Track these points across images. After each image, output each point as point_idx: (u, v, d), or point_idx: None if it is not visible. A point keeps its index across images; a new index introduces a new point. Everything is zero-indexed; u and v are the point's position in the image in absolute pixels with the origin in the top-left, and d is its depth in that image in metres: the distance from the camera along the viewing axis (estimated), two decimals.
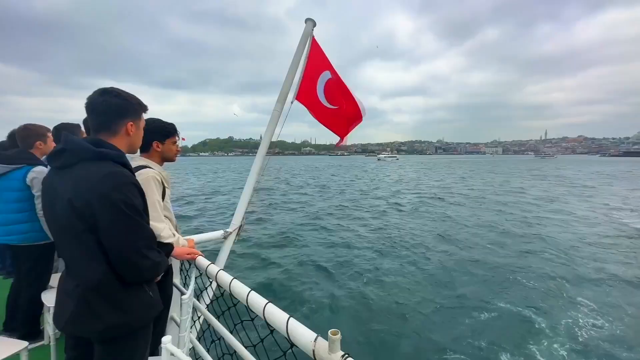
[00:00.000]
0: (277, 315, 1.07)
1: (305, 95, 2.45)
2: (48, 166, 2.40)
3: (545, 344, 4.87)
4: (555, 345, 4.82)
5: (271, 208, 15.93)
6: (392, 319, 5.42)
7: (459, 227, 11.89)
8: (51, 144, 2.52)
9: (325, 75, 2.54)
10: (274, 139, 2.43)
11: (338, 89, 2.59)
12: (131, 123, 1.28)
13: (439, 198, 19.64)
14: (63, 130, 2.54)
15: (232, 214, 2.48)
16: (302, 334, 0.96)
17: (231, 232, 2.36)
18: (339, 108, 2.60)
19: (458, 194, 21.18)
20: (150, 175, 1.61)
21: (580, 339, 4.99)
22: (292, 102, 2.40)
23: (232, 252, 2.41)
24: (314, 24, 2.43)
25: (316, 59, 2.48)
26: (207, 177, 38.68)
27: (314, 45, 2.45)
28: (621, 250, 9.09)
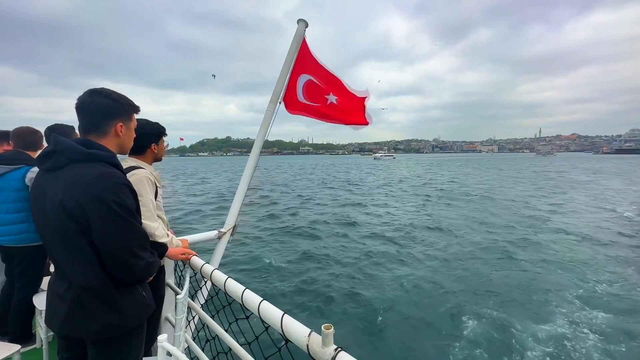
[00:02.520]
0: (271, 312, 1.09)
1: (287, 96, 2.45)
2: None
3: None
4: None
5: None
6: (386, 315, 5.46)
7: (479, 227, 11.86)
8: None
9: (304, 77, 2.53)
10: (266, 139, 2.43)
11: (320, 88, 2.60)
12: (121, 124, 1.27)
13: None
14: (56, 131, 2.51)
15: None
16: (296, 329, 0.97)
17: (225, 232, 2.35)
18: (320, 105, 2.61)
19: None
20: (144, 175, 1.64)
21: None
22: (279, 103, 2.41)
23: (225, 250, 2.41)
24: (306, 25, 2.40)
25: (301, 61, 2.46)
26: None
27: (303, 47, 2.43)
28: None
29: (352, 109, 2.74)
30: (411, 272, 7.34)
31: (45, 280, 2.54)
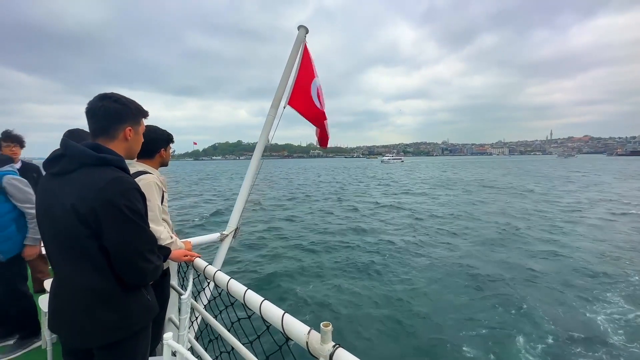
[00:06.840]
0: (272, 311, 1.12)
1: (299, 100, 2.48)
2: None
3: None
4: None
5: None
6: (384, 314, 5.44)
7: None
8: None
9: (317, 81, 2.60)
10: (275, 142, 2.46)
11: (321, 95, 2.70)
12: (130, 128, 1.28)
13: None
14: (73, 135, 2.53)
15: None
16: (296, 328, 1.00)
17: (227, 235, 2.38)
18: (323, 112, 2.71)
19: None
20: (151, 180, 1.67)
21: None
22: (284, 107, 2.44)
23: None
24: (307, 31, 2.46)
25: (308, 66, 2.52)
26: None
27: (306, 52, 2.49)
28: None
29: (324, 124, 2.79)
30: (417, 269, 7.31)
31: (47, 282, 2.56)
